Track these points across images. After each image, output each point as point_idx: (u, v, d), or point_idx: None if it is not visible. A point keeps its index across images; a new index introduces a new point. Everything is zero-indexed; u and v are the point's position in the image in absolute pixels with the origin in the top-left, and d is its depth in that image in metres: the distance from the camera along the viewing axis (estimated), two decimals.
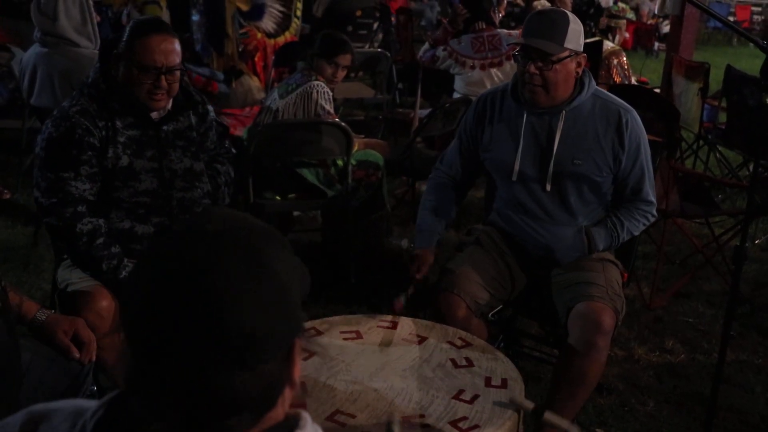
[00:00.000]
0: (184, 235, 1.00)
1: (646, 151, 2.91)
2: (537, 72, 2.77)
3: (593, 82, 2.90)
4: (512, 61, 5.23)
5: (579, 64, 2.82)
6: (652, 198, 2.96)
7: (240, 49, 7.71)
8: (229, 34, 7.52)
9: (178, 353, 0.94)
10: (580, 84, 2.87)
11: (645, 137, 2.91)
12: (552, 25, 2.76)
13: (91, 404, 1.03)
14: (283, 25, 8.03)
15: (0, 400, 2.00)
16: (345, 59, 4.31)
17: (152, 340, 0.95)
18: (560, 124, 2.85)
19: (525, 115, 2.89)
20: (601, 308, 2.67)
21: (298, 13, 8.12)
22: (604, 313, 2.66)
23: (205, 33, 7.51)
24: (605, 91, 2.98)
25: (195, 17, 7.58)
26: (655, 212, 3.00)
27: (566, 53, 2.76)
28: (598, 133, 2.84)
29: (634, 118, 2.88)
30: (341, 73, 4.34)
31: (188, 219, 1.05)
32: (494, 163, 3.01)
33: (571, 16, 2.80)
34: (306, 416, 1.05)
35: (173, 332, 0.93)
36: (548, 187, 2.89)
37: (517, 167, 2.91)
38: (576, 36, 2.77)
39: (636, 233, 3.01)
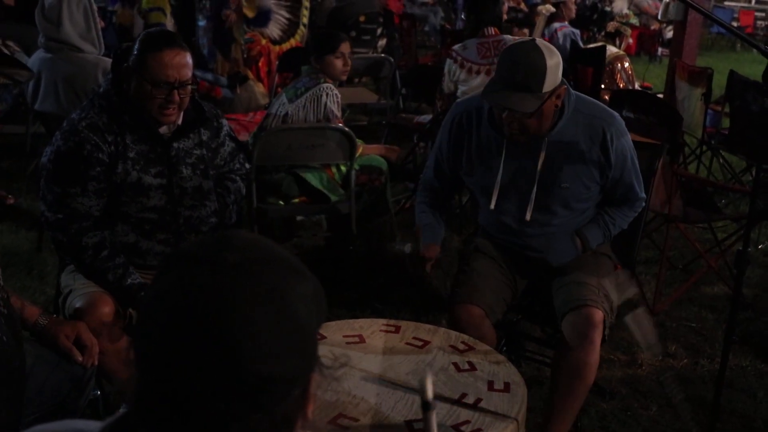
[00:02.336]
0: (203, 265, 0.95)
1: (632, 157, 2.85)
2: (514, 120, 2.66)
3: (572, 98, 2.76)
4: None
5: (558, 96, 2.68)
6: (641, 194, 2.94)
7: (245, 56, 7.74)
8: (237, 38, 7.54)
9: (192, 392, 0.92)
10: (560, 108, 2.74)
11: (630, 143, 2.84)
12: (529, 73, 2.56)
13: (91, 426, 1.02)
14: (289, 31, 8.04)
15: (5, 405, 2.01)
16: (346, 47, 4.37)
17: (165, 376, 0.93)
18: (542, 153, 2.76)
19: (505, 143, 2.79)
20: (592, 310, 2.70)
21: (305, 20, 8.12)
22: (594, 313, 2.69)
23: (211, 37, 7.54)
24: (585, 99, 2.84)
25: (201, 23, 7.62)
26: (642, 203, 2.97)
27: (545, 98, 2.60)
28: (582, 151, 2.76)
29: (618, 129, 2.78)
30: (349, 62, 4.38)
31: (208, 244, 0.99)
32: (476, 187, 2.99)
33: (547, 51, 2.59)
34: None
35: (187, 371, 0.92)
36: (528, 217, 2.84)
37: (496, 194, 2.84)
38: (554, 73, 2.59)
39: (625, 226, 3.00)
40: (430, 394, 1.50)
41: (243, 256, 0.96)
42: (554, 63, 2.59)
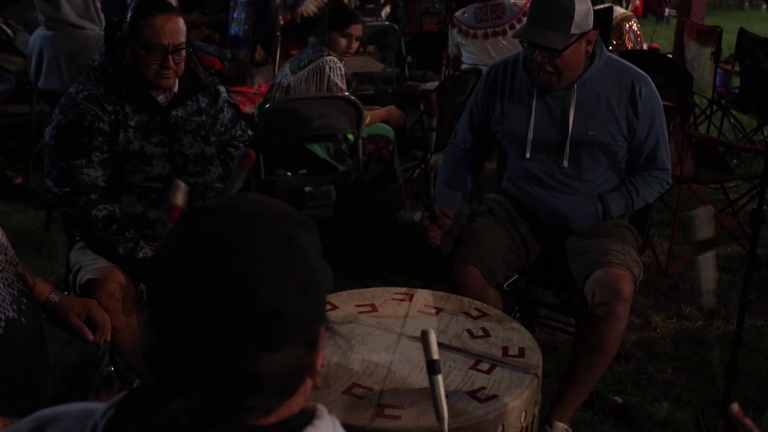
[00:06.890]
0: (217, 213, 0.99)
1: (660, 119, 2.87)
2: (545, 60, 2.71)
3: (604, 51, 2.84)
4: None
5: (589, 42, 2.75)
6: (668, 165, 2.92)
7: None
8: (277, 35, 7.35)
9: (205, 327, 0.93)
10: (591, 55, 2.81)
11: (660, 104, 2.87)
12: (557, 12, 2.66)
13: (100, 406, 1.02)
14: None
15: (28, 383, 2.00)
16: (357, 29, 4.31)
17: (178, 313, 0.94)
18: (573, 98, 2.80)
19: (536, 89, 2.85)
20: (620, 275, 2.65)
21: None
22: (623, 279, 2.64)
23: (251, 26, 7.26)
24: (618, 58, 2.92)
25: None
26: (670, 179, 2.96)
27: (573, 39, 2.68)
28: (611, 102, 2.81)
29: (648, 86, 2.83)
30: (355, 44, 4.35)
31: (220, 200, 1.03)
32: (507, 135, 2.98)
33: None
34: (323, 409, 1.03)
35: (201, 305, 0.93)
36: (565, 163, 2.85)
37: (530, 141, 2.88)
38: (584, 17, 2.68)
39: (650, 200, 2.98)
40: (434, 351, 1.39)
41: (255, 209, 1.00)
42: (584, 7, 2.68)
